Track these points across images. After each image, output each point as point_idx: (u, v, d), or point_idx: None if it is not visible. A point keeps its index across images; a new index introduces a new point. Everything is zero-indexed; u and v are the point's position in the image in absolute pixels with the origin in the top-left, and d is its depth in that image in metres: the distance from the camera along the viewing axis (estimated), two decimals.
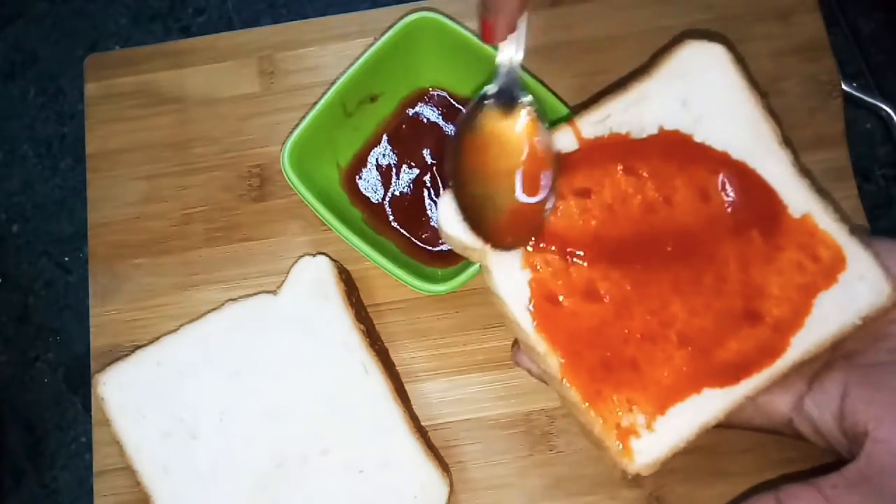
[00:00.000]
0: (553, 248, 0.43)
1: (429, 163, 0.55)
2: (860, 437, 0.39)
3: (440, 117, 0.56)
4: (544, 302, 0.42)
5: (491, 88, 0.45)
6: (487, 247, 0.43)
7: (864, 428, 0.39)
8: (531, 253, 0.43)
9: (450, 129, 0.55)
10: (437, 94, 0.56)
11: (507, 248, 0.43)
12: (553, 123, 0.45)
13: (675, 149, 0.43)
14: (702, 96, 0.44)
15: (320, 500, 0.49)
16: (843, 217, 0.43)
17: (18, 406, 0.59)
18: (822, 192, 0.43)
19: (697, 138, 0.43)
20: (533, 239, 0.43)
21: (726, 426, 0.43)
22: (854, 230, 0.43)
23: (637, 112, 0.44)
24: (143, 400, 0.50)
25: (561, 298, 0.42)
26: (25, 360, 0.59)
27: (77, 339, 0.59)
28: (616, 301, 0.42)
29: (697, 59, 0.44)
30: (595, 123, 0.44)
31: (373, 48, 0.52)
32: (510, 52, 0.44)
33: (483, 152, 0.44)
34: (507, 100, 0.44)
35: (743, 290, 0.42)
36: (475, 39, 0.52)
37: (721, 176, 0.43)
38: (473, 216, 0.43)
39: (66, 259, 0.61)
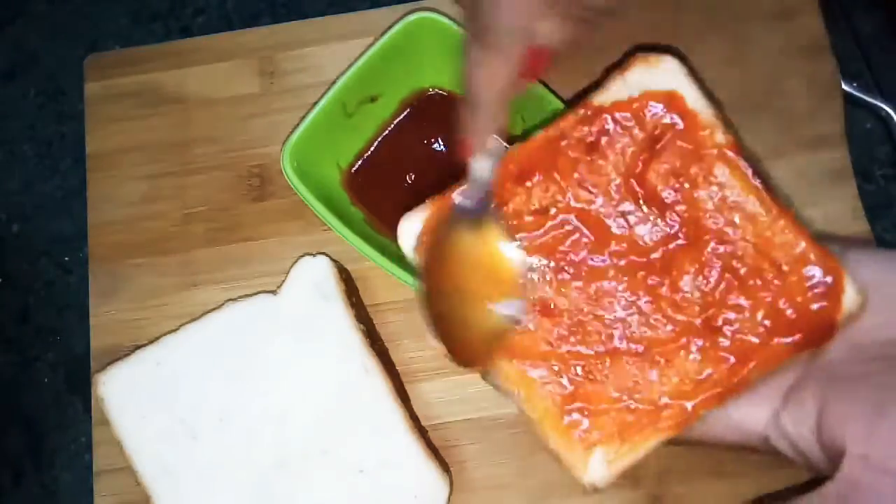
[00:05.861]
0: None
1: (429, 163, 0.55)
2: (838, 453, 0.36)
3: (440, 118, 0.56)
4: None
5: (462, 201, 0.43)
6: None
7: (842, 444, 0.36)
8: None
9: (439, 145, 0.55)
10: (438, 95, 0.56)
11: (470, 366, 0.43)
12: (547, 120, 0.44)
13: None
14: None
15: (320, 500, 0.49)
16: (806, 222, 0.42)
17: (18, 406, 0.58)
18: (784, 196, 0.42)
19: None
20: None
21: (696, 443, 0.42)
22: (820, 238, 0.41)
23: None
24: (143, 400, 0.50)
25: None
26: (25, 360, 0.59)
27: (77, 339, 0.58)
28: (573, 317, 0.41)
29: (651, 72, 0.43)
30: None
31: (373, 48, 0.52)
32: (484, 168, 0.43)
33: (454, 267, 0.43)
34: (476, 214, 0.43)
35: (705, 301, 0.40)
36: None
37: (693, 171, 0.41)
38: (443, 331, 0.43)
39: (66, 259, 0.60)
